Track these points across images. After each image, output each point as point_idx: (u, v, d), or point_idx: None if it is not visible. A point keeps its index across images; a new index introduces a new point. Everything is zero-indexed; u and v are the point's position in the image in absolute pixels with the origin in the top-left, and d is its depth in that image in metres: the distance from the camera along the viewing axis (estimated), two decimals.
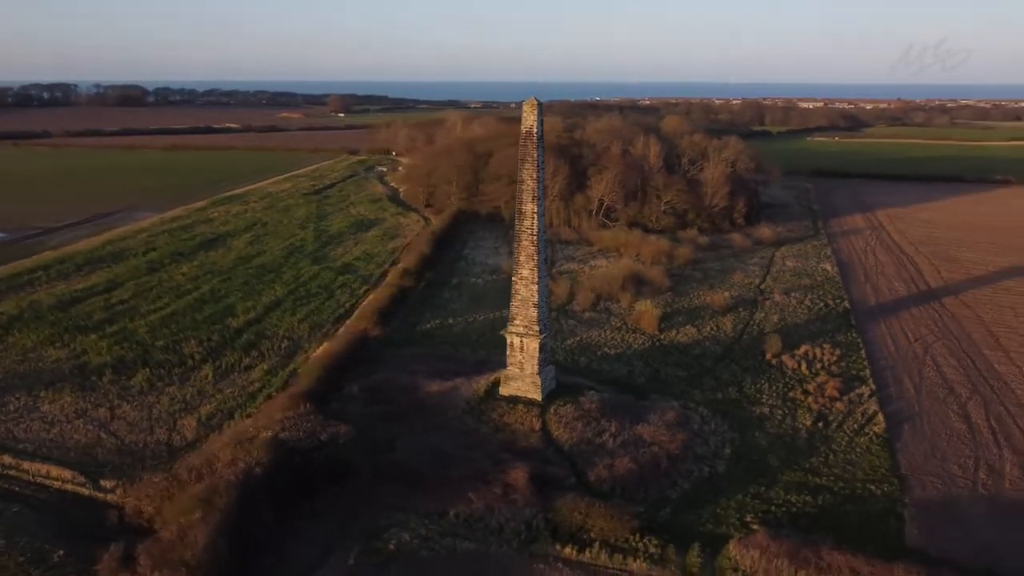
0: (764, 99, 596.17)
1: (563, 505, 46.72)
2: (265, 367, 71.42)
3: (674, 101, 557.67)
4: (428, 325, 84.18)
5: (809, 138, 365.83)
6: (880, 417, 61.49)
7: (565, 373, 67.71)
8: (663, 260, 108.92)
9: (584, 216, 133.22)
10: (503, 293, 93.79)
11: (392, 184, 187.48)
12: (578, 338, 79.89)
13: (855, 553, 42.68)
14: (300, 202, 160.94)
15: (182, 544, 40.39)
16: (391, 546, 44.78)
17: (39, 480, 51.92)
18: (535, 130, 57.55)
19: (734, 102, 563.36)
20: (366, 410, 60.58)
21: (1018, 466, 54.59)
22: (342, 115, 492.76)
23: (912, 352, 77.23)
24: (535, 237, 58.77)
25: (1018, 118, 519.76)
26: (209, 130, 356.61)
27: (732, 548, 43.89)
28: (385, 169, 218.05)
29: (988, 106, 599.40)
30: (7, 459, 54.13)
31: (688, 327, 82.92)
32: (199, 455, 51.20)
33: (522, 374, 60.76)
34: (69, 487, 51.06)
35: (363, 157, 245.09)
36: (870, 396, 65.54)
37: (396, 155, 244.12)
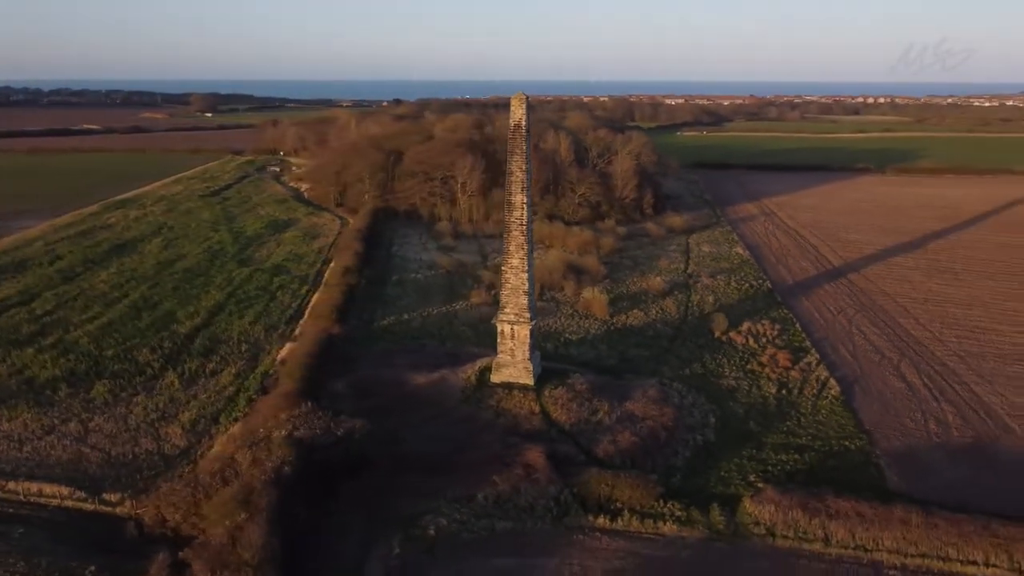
0: (631, 96, 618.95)
1: (590, 478, 49.22)
2: (233, 371, 69.71)
3: (548, 99, 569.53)
4: (385, 322, 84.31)
5: (679, 133, 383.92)
6: (832, 382, 67.69)
7: (542, 359, 70.07)
8: (592, 250, 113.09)
9: (502, 210, 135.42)
10: (447, 288, 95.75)
11: (292, 184, 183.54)
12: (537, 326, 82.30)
13: (856, 499, 47.65)
14: (201, 204, 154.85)
15: (238, 545, 39.89)
16: (431, 532, 45.75)
17: (32, 499, 49.23)
18: (523, 123, 59.61)
19: (602, 99, 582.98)
20: (358, 405, 60.49)
21: (958, 416, 61.87)
22: (209, 115, 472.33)
23: (839, 323, 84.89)
24: (524, 227, 60.90)
25: (856, 112, 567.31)
26: (67, 132, 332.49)
27: (748, 505, 47.82)
28: (278, 169, 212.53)
29: (830, 101, 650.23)
30: None
31: (635, 311, 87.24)
32: (214, 460, 50.06)
33: (513, 361, 62.69)
34: (69, 503, 48.77)
35: (250, 158, 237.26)
36: (818, 364, 71.86)
37: (284, 155, 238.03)
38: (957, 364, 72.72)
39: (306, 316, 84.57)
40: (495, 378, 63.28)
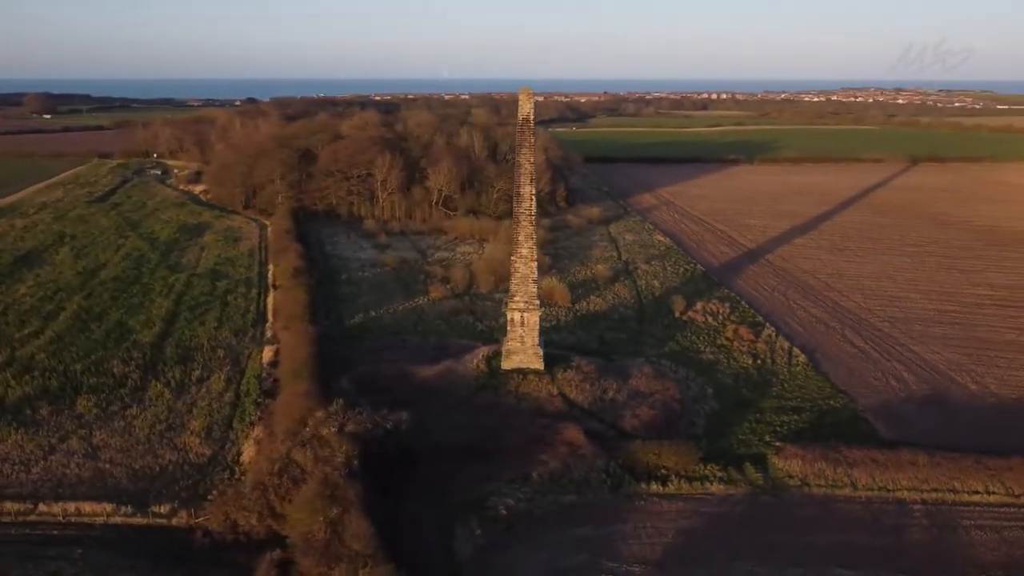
0: (496, 93, 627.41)
1: (636, 449, 52.65)
2: (222, 377, 67.78)
3: (412, 96, 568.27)
4: (355, 320, 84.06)
5: (549, 129, 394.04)
6: (796, 351, 74.63)
7: None
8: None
9: (425, 207, 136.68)
10: (400, 285, 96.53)
11: (182, 188, 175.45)
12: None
13: (866, 448, 53.82)
14: (94, 211, 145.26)
15: (344, 538, 40.25)
16: (502, 511, 47.65)
17: (73, 519, 46.75)
18: (531, 117, 61.95)
19: (463, 96, 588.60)
20: (373, 400, 60.62)
21: (910, 373, 70.18)
22: (48, 116, 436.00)
23: (777, 299, 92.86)
24: (532, 217, 63.31)
25: (704, 107, 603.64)
26: None
27: (777, 461, 52.93)
28: (159, 172, 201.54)
29: (678, 97, 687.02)
30: (9, 506, 47.70)
31: (593, 297, 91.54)
32: (267, 462, 49.21)
33: (523, 347, 65.01)
34: (118, 519, 46.82)
35: (121, 161, 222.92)
36: (777, 336, 78.77)
37: (158, 157, 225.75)
38: (891, 329, 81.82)
39: (271, 318, 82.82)
40: (506, 365, 65.37)
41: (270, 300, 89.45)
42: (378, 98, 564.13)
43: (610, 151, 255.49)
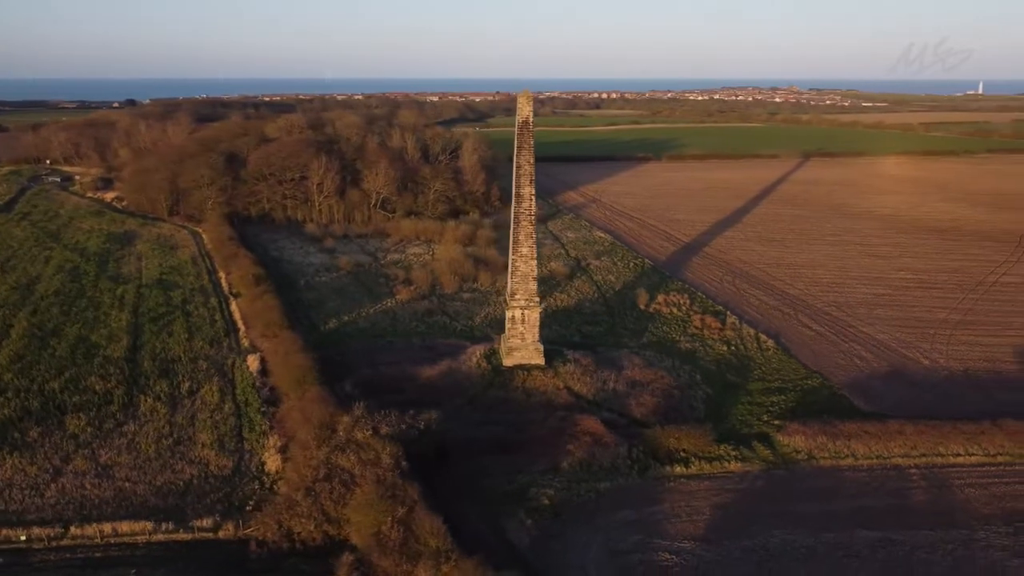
0: (390, 94, 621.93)
1: (658, 434, 55.48)
2: (214, 388, 66.31)
3: (305, 97, 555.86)
4: (330, 325, 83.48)
5: (454, 128, 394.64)
6: (763, 336, 79.64)
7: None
8: (478, 242, 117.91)
9: (363, 210, 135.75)
10: (362, 288, 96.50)
11: (91, 195, 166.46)
12: (483, 314, 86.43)
13: (857, 421, 58.72)
14: (1, 222, 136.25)
15: (419, 535, 41.07)
16: (545, 501, 49.43)
17: (112, 541, 45.32)
18: (530, 120, 63.70)
19: (357, 97, 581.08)
20: (383, 401, 61.01)
21: (868, 351, 76.34)
22: None
23: (728, 289, 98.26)
24: (532, 217, 65.10)
25: (597, 106, 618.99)
26: None
27: (781, 438, 57.00)
28: (59, 179, 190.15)
29: (571, 96, 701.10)
30: (39, 531, 45.76)
31: (558, 294, 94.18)
32: (312, 468, 48.99)
33: (524, 344, 66.74)
34: (161, 537, 45.68)
35: (11, 168, 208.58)
36: (740, 324, 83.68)
37: (51, 163, 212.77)
38: (838, 313, 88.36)
39: (242, 327, 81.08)
40: (508, 362, 66.93)
41: (234, 309, 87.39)
42: (268, 99, 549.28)
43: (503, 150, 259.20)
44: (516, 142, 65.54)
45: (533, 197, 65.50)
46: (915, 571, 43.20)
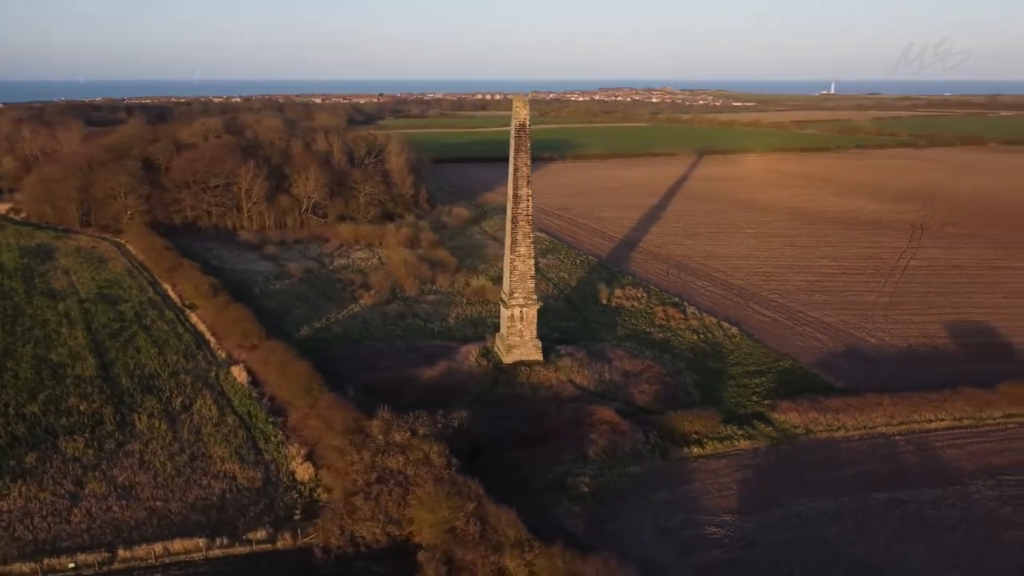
0: (271, 96, 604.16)
1: (672, 419, 58.84)
2: (208, 401, 64.67)
3: (183, 100, 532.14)
4: (302, 333, 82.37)
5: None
6: (726, 324, 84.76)
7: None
8: (422, 244, 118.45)
9: (295, 215, 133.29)
10: (321, 294, 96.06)
11: None
12: (454, 315, 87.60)
13: (840, 396, 64.16)
14: None
15: (497, 527, 42.42)
16: (585, 488, 51.73)
17: (167, 560, 44.16)
18: (527, 122, 65.56)
19: (235, 100, 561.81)
20: (395, 403, 61.65)
21: (822, 333, 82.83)
22: None
23: (676, 281, 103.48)
24: (530, 218, 67.02)
25: (484, 108, 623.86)
26: None
27: (777, 416, 61.58)
28: None
29: (456, 98, 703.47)
30: (84, 557, 44.08)
31: None
32: (364, 472, 49.07)
33: (523, 341, 68.57)
34: (218, 552, 44.86)
35: None
36: (700, 313, 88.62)
37: None
38: (782, 300, 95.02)
39: (212, 338, 78.88)
40: (508, 359, 68.57)
41: (195, 320, 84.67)
42: (139, 102, 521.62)
43: (425, 152, 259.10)
44: (513, 144, 67.30)
45: (530, 198, 67.52)
46: (928, 524, 48.25)
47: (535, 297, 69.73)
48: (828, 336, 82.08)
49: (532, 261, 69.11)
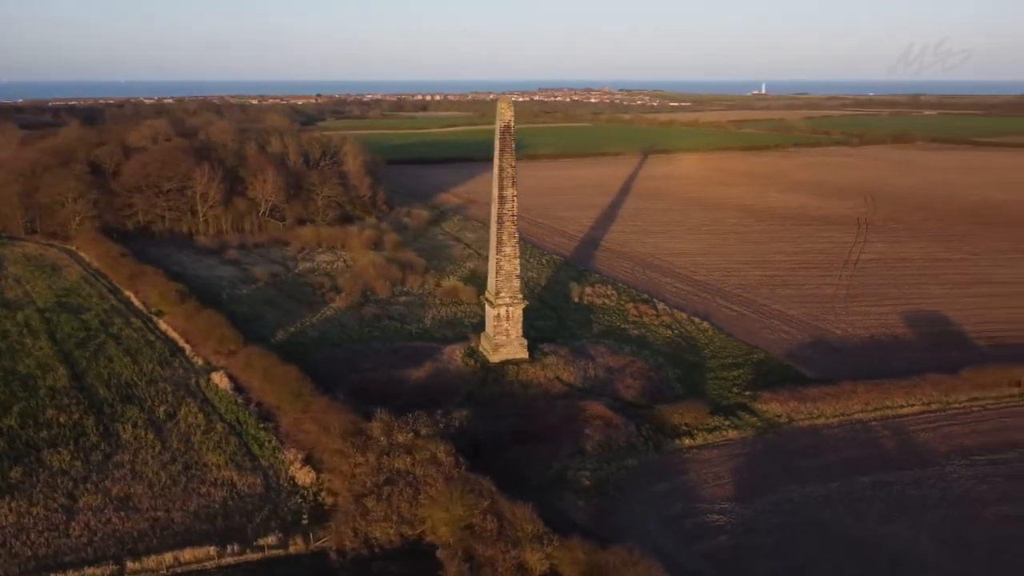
0: (206, 97, 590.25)
1: (663, 412, 60.44)
2: (194, 409, 63.53)
3: (114, 101, 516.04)
4: (279, 337, 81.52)
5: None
6: (696, 319, 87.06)
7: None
8: (386, 246, 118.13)
9: (252, 219, 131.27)
10: (291, 298, 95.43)
11: None
12: (429, 316, 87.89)
13: (816, 386, 66.80)
14: None
15: (514, 521, 43.17)
16: (587, 482, 52.87)
17: (177, 570, 43.64)
18: (512, 124, 66.32)
19: (167, 101, 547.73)
20: (389, 405, 61.76)
21: (788, 326, 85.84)
22: None
23: (642, 278, 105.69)
24: (515, 218, 67.85)
25: (424, 108, 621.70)
26: None
27: (759, 407, 63.79)
28: None
29: (395, 99, 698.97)
30: (92, 570, 43.27)
31: None
32: (373, 473, 49.18)
33: (509, 340, 69.31)
34: (230, 560, 44.48)
35: None
36: (671, 309, 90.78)
37: None
38: (746, 294, 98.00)
39: (186, 345, 77.43)
40: (495, 358, 69.24)
41: (165, 328, 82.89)
42: (70, 103, 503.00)
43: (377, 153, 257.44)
44: (498, 145, 68.00)
45: (515, 199, 68.39)
46: (912, 504, 50.83)
47: (520, 296, 70.62)
48: (794, 328, 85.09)
49: (518, 261, 70.03)
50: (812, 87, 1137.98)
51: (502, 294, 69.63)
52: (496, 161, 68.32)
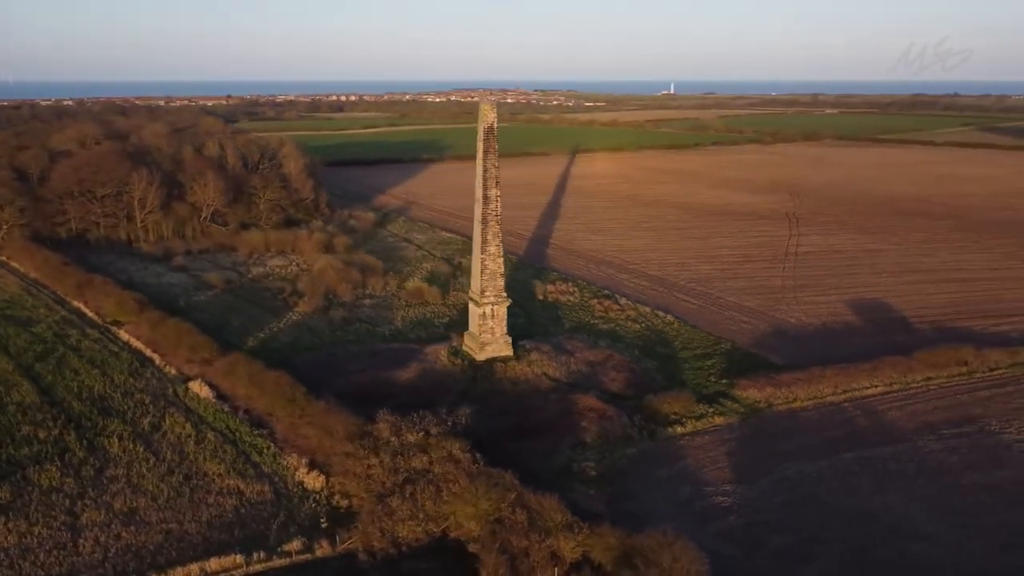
0: (110, 99, 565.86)
1: (654, 401, 62.64)
2: (180, 419, 62.12)
3: (9, 104, 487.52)
4: (250, 344, 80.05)
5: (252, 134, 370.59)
6: (659, 312, 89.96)
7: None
8: (337, 249, 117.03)
9: (193, 224, 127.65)
10: (253, 304, 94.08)
11: None
12: (399, 318, 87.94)
13: (787, 372, 70.39)
14: None
15: (543, 513, 44.33)
16: (593, 472, 54.57)
17: None
18: (495, 125, 67.22)
19: (66, 102, 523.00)
20: (387, 407, 61.95)
21: (746, 316, 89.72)
22: None
23: (599, 275, 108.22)
24: (499, 217, 68.74)
25: (341, 109, 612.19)
26: None
27: (739, 393, 66.84)
28: None
29: (309, 100, 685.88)
30: None
31: (457, 292, 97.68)
32: (386, 474, 49.33)
33: (495, 338, 70.21)
34: (258, 567, 44.10)
35: None
36: (633, 304, 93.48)
37: None
38: (700, 287, 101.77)
39: (155, 355, 75.23)
40: (482, 356, 70.04)
41: (127, 338, 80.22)
42: None
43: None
44: (482, 147, 68.77)
45: (499, 199, 69.33)
46: (895, 476, 54.51)
47: (504, 295, 71.64)
48: (753, 319, 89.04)
49: (502, 259, 71.05)
50: (717, 87, 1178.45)
51: (487, 293, 70.51)
52: (480, 162, 69.12)
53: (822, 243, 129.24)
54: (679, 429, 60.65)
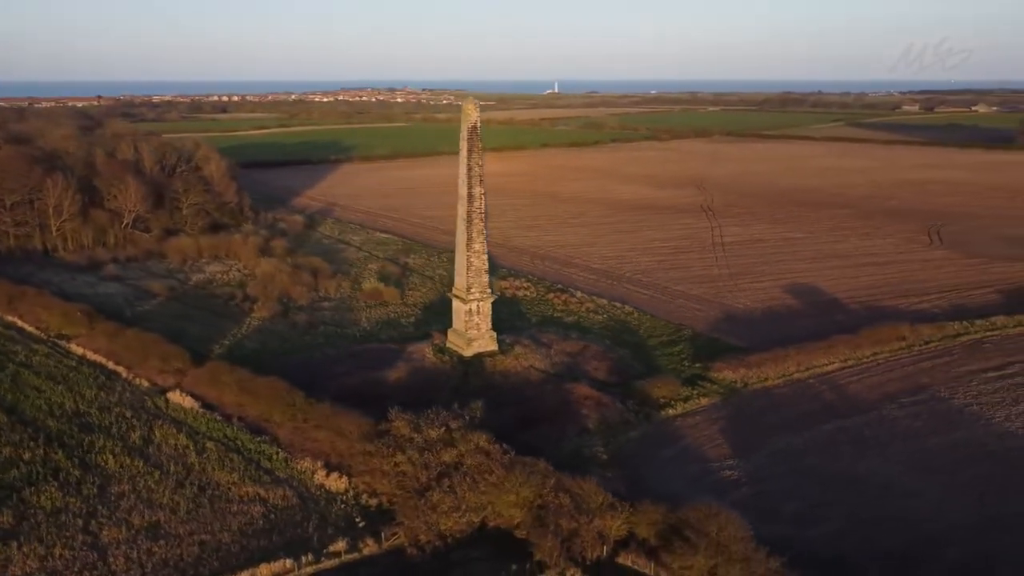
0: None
1: (644, 385, 65.64)
2: (171, 431, 60.13)
3: None
4: (218, 351, 77.85)
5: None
6: (617, 303, 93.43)
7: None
8: (275, 252, 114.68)
9: (115, 231, 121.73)
10: (206, 311, 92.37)
11: None
12: (364, 318, 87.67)
13: (756, 353, 75.11)
14: None
15: (584, 496, 46.31)
16: (604, 456, 56.96)
17: None
18: (478, 125, 68.20)
19: None
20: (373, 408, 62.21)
21: (696, 304, 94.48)
22: None
23: (547, 270, 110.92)
24: (483, 215, 69.80)
25: (224, 110, 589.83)
26: None
27: (716, 375, 70.91)
28: None
29: (188, 100, 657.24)
30: None
31: (413, 291, 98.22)
32: (418, 470, 49.79)
33: (481, 334, 71.31)
34: (308, 570, 44.03)
35: None
36: (590, 297, 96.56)
37: None
38: (647, 279, 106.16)
39: (120, 368, 72.09)
40: (469, 352, 71.03)
41: (82, 351, 76.29)
42: None
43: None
44: (465, 146, 69.59)
45: (484, 196, 70.34)
46: (870, 443, 59.59)
47: (489, 291, 72.88)
48: (703, 306, 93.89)
49: (486, 256, 72.17)
50: (599, 86, 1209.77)
51: (473, 289, 71.57)
52: (464, 161, 70.00)
53: (743, 233, 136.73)
54: (671, 411, 63.88)
